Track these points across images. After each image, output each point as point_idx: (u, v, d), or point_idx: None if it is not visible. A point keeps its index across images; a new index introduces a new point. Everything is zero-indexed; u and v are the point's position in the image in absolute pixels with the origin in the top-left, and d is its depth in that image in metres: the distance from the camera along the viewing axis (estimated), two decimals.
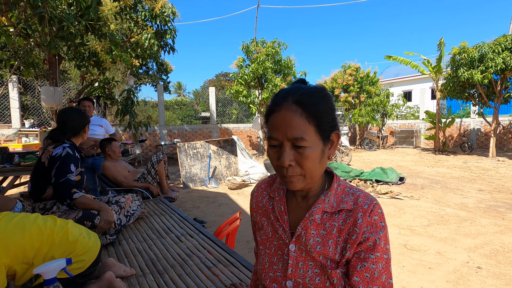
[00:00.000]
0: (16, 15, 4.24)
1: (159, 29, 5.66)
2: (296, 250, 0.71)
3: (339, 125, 0.71)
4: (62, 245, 1.03)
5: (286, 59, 9.33)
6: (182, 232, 1.82)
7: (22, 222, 1.00)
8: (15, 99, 8.24)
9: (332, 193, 0.71)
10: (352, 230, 0.67)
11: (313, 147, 0.64)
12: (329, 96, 0.69)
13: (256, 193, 0.84)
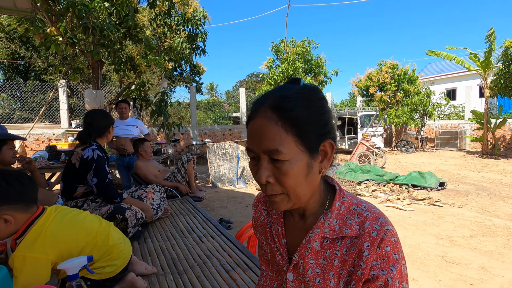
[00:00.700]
0: (63, 25, 4.63)
1: (190, 32, 5.83)
2: (295, 280, 0.62)
3: (334, 132, 0.59)
4: (102, 247, 1.08)
5: (316, 58, 9.14)
6: (204, 233, 1.85)
7: (72, 220, 1.06)
8: (64, 102, 9.03)
9: (333, 214, 0.60)
10: (357, 263, 0.55)
11: (293, 161, 0.53)
12: (317, 97, 0.57)
13: (255, 208, 0.76)
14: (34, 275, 0.95)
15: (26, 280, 0.94)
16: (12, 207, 0.96)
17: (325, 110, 0.57)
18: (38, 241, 0.97)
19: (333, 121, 0.60)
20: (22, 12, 4.40)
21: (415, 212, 4.13)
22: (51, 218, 1.04)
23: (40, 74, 11.05)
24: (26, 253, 0.94)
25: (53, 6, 4.39)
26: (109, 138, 2.00)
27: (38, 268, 0.96)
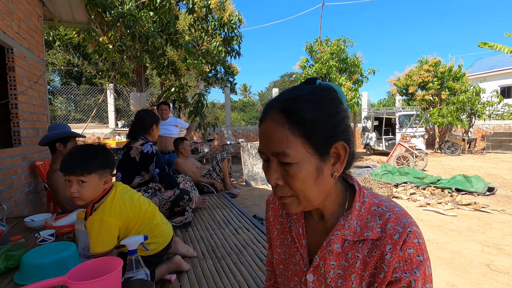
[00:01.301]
0: (113, 34, 5.09)
1: (226, 36, 6.05)
2: (315, 281, 0.61)
3: (348, 134, 0.57)
4: (148, 224, 1.25)
5: (352, 57, 8.91)
6: (240, 225, 1.96)
7: (132, 196, 1.25)
8: (111, 104, 9.83)
9: (353, 215, 0.58)
10: (379, 265, 0.54)
11: (301, 164, 0.53)
12: (327, 98, 0.56)
13: (272, 205, 0.74)
14: (108, 236, 1.13)
15: (102, 240, 1.12)
16: (111, 171, 1.16)
17: (337, 111, 0.56)
18: (112, 209, 1.14)
19: (348, 122, 0.59)
20: (80, 24, 4.93)
21: (458, 217, 3.89)
22: (118, 191, 1.21)
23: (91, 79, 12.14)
24: (104, 217, 1.12)
25: (105, 17, 4.86)
26: (155, 135, 2.22)
27: (111, 232, 1.14)
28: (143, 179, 2.06)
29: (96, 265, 0.97)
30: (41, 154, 3.82)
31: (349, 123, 0.59)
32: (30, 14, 3.61)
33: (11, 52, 3.11)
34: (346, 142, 0.55)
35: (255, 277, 1.31)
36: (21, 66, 3.27)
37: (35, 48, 3.74)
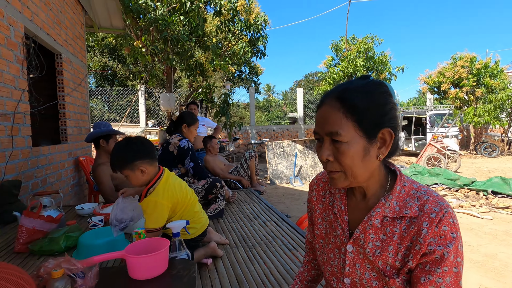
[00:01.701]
0: (146, 38, 5.39)
1: (252, 37, 6.17)
2: (354, 251, 0.69)
3: (394, 122, 0.64)
4: (189, 211, 1.39)
5: (380, 55, 8.68)
6: (268, 219, 2.06)
7: (181, 184, 1.41)
8: (142, 104, 10.34)
9: (394, 196, 0.66)
10: (416, 239, 0.61)
11: (351, 143, 0.62)
12: (379, 91, 0.64)
13: (316, 186, 0.83)
14: (160, 216, 1.28)
15: (156, 219, 1.27)
16: (145, 161, 1.29)
17: (386, 102, 0.64)
18: (164, 192, 1.29)
19: (396, 113, 0.66)
20: (117, 29, 5.28)
21: (494, 220, 3.71)
22: (170, 177, 1.36)
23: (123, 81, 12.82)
24: (158, 199, 1.27)
25: (139, 22, 5.16)
26: (188, 134, 2.39)
27: (163, 212, 1.29)
28: (180, 172, 2.22)
29: (146, 245, 1.11)
30: (84, 150, 4.16)
31: (396, 114, 0.67)
32: (75, 23, 3.95)
33: (59, 57, 3.44)
34: (393, 130, 0.64)
35: (284, 264, 1.39)
36: (67, 70, 3.60)
37: (78, 53, 4.09)
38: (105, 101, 12.43)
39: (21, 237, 1.55)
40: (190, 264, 1.09)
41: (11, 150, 2.26)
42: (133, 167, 1.28)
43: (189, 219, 1.35)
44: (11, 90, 2.31)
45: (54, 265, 0.87)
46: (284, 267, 1.37)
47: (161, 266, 1.04)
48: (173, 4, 4.69)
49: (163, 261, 1.05)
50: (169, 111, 6.87)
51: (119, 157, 1.29)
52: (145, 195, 1.29)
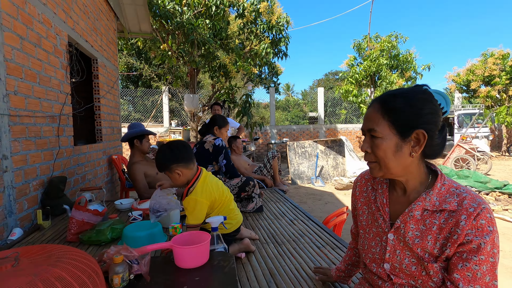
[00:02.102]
0: (172, 41, 5.59)
1: (274, 38, 6.22)
2: (394, 239, 0.77)
3: (430, 126, 0.71)
4: (226, 208, 1.49)
5: (404, 53, 8.45)
6: (294, 217, 2.12)
7: (218, 183, 1.52)
8: (166, 104, 10.68)
9: (434, 192, 0.73)
10: (454, 230, 0.67)
11: (385, 139, 0.73)
12: (418, 96, 0.73)
13: (359, 183, 0.94)
14: (199, 213, 1.39)
15: (196, 216, 1.39)
16: (180, 165, 1.42)
17: (423, 107, 0.72)
18: (203, 191, 1.40)
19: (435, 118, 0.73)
20: (145, 34, 5.52)
21: None
22: (208, 178, 1.47)
23: (147, 82, 13.27)
24: (198, 198, 1.38)
25: (166, 26, 5.38)
26: (224, 136, 2.53)
27: (202, 209, 1.40)
28: (213, 169, 2.36)
29: (189, 237, 1.21)
30: (116, 149, 4.41)
31: (435, 119, 0.73)
32: (108, 29, 4.19)
33: (96, 62, 3.67)
34: (427, 132, 0.71)
35: (314, 260, 1.46)
36: (102, 74, 3.83)
37: (111, 57, 4.33)
38: (130, 101, 12.94)
39: (72, 228, 1.71)
40: (229, 256, 1.18)
41: (58, 149, 2.46)
42: (170, 170, 1.42)
43: (225, 215, 1.45)
44: (57, 94, 2.52)
45: (115, 252, 0.99)
46: (314, 263, 1.43)
47: (204, 256, 1.13)
48: (199, 8, 4.85)
49: (205, 252, 1.14)
50: (192, 111, 7.08)
51: (159, 162, 1.45)
52: (186, 194, 1.41)
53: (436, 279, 0.70)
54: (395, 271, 0.76)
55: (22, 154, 1.98)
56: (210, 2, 4.71)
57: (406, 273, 0.74)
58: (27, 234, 1.83)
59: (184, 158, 1.44)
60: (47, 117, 2.33)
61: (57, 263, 0.81)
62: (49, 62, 2.38)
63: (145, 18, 4.85)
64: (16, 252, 0.83)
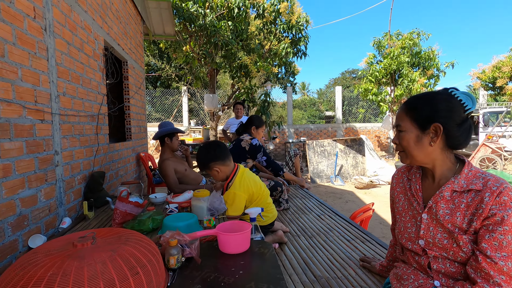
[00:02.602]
0: (195, 43, 5.76)
1: (294, 38, 6.27)
2: (428, 218, 0.89)
3: (447, 120, 0.85)
4: (263, 201, 1.59)
5: (427, 50, 8.26)
6: (321, 213, 2.19)
7: (255, 178, 1.63)
8: (185, 103, 10.94)
9: (462, 176, 0.85)
10: (479, 206, 0.79)
11: (407, 132, 0.90)
12: (439, 96, 0.88)
13: (396, 176, 1.07)
14: (238, 205, 1.51)
15: (235, 208, 1.51)
16: (218, 162, 1.55)
17: (440, 105, 0.86)
18: (241, 185, 1.52)
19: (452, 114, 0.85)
20: (169, 36, 5.71)
21: None
22: (245, 173, 1.59)
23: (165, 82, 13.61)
24: (236, 191, 1.51)
25: (189, 29, 5.54)
26: (260, 136, 2.67)
27: (241, 202, 1.52)
28: (246, 166, 2.48)
29: (231, 226, 1.31)
30: (143, 147, 4.62)
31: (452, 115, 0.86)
32: (136, 32, 4.39)
33: (126, 64, 3.87)
34: (443, 125, 0.85)
35: (345, 252, 1.52)
36: (131, 75, 4.03)
37: (138, 59, 4.53)
38: (149, 101, 13.33)
39: (116, 218, 1.86)
40: (268, 245, 1.27)
41: (97, 146, 2.65)
42: (210, 168, 1.57)
43: (263, 207, 1.55)
44: (96, 95, 2.71)
45: (170, 236, 1.10)
46: (345, 254, 1.50)
47: (246, 243, 1.23)
48: (222, 10, 4.97)
49: (247, 239, 1.24)
50: (212, 111, 7.24)
51: (199, 161, 1.60)
52: (226, 188, 1.52)
53: (465, 249, 0.80)
54: (429, 245, 0.87)
55: (69, 150, 2.15)
56: (233, 4, 4.82)
57: (439, 246, 0.85)
58: (74, 224, 2.00)
59: (221, 156, 1.56)
60: (88, 116, 2.51)
61: (127, 242, 0.93)
62: (89, 65, 2.56)
63: (169, 21, 5.03)
64: (93, 232, 0.95)
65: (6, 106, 1.49)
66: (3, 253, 1.45)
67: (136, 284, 0.82)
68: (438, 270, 0.86)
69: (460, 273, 0.83)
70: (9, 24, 1.52)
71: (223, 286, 1.00)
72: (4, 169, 1.47)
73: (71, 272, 0.77)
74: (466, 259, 0.81)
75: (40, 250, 0.89)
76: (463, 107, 0.86)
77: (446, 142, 0.87)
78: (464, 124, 0.86)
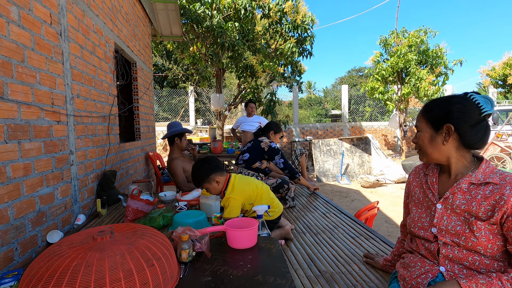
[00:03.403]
0: (202, 44, 5.83)
1: (299, 37, 6.29)
2: (442, 208, 0.95)
3: (458, 121, 0.91)
4: (266, 197, 1.65)
5: (434, 48, 8.18)
6: (326, 211, 2.23)
7: (247, 180, 1.69)
8: (192, 103, 11.05)
9: (479, 171, 0.91)
10: (500, 198, 0.83)
11: (422, 132, 0.99)
12: (452, 100, 0.94)
13: (414, 172, 1.13)
14: (234, 208, 1.60)
15: (231, 211, 1.60)
16: (218, 173, 1.62)
17: (452, 107, 0.93)
18: (234, 189, 1.61)
19: (461, 115, 0.91)
20: (176, 37, 5.80)
21: None
22: (236, 179, 1.66)
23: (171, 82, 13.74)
24: (231, 195, 1.59)
25: (196, 30, 5.62)
26: (277, 141, 2.79)
27: (236, 205, 1.60)
28: (260, 166, 2.56)
29: (239, 222, 1.37)
30: (151, 146, 4.71)
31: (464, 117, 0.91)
32: (144, 34, 4.48)
33: (135, 66, 3.96)
34: (454, 126, 0.92)
35: (350, 249, 1.57)
36: (140, 76, 4.12)
37: (147, 61, 4.63)
38: (156, 101, 13.48)
39: (128, 215, 1.94)
40: (274, 240, 1.33)
41: (108, 146, 2.74)
42: (210, 180, 1.64)
43: (269, 204, 1.60)
44: (107, 96, 2.79)
45: (182, 231, 1.17)
46: (350, 251, 1.54)
47: (253, 239, 1.28)
48: (228, 11, 5.03)
49: (254, 235, 1.29)
50: (218, 110, 7.31)
51: (200, 175, 1.65)
52: (223, 196, 1.63)
53: (478, 234, 0.85)
54: (441, 233, 0.93)
55: (83, 150, 2.24)
56: (239, 5, 4.87)
57: (451, 233, 0.90)
58: (88, 220, 2.09)
59: (218, 167, 1.66)
60: (100, 117, 2.60)
61: (143, 236, 1.00)
62: (101, 68, 2.65)
63: (176, 22, 5.11)
64: (111, 227, 1.02)
65: (26, 108, 1.57)
66: (24, 247, 1.54)
67: (152, 275, 0.89)
68: (446, 255, 0.91)
69: (467, 259, 0.87)
70: (28, 30, 1.60)
71: (232, 278, 1.06)
72: (25, 168, 1.55)
73: (93, 262, 0.84)
74: (476, 245, 0.85)
75: (64, 242, 0.96)
76: (479, 109, 0.90)
77: (460, 142, 0.93)
78: (478, 125, 0.91)
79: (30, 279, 0.84)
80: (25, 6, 1.59)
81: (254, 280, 1.04)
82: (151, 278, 0.88)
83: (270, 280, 1.04)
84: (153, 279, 0.88)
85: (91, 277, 0.80)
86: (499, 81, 10.34)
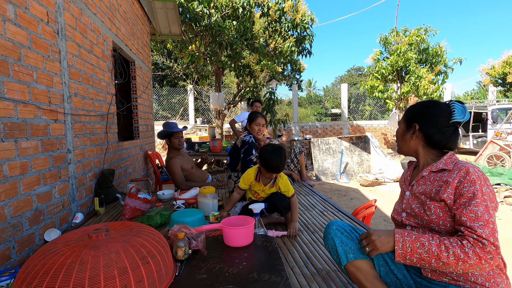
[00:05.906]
0: (200, 42, 5.82)
1: (299, 36, 6.27)
2: (409, 195, 1.10)
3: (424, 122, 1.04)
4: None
5: (434, 46, 8.17)
6: (324, 209, 2.23)
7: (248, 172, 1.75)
8: (192, 102, 11.04)
9: (441, 161, 1.04)
10: (446, 179, 0.97)
11: (399, 127, 1.17)
12: (425, 106, 1.08)
13: (404, 170, 1.27)
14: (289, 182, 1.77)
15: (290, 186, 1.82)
16: None
17: (422, 110, 1.07)
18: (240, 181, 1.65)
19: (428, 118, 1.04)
20: (175, 36, 5.79)
21: None
22: None
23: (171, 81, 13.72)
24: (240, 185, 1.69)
25: (194, 28, 5.61)
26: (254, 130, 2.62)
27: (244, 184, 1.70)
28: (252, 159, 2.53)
29: (235, 221, 1.37)
30: (150, 145, 4.71)
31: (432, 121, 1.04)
32: (143, 33, 4.47)
33: (133, 64, 3.95)
34: (420, 126, 1.06)
35: None
36: (139, 75, 4.12)
37: (145, 59, 4.62)
38: (155, 100, 13.46)
39: (126, 213, 1.94)
40: (271, 238, 1.33)
41: (106, 144, 2.74)
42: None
43: None
44: (105, 95, 2.79)
45: (178, 229, 1.17)
46: None
47: (250, 237, 1.29)
48: (226, 10, 5.02)
49: (251, 233, 1.30)
50: (217, 109, 7.31)
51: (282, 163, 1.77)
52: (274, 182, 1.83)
53: (429, 212, 0.99)
54: (407, 217, 1.08)
55: (81, 149, 2.24)
56: (237, 4, 4.86)
57: (413, 215, 1.05)
58: (86, 219, 2.09)
59: None
60: (98, 115, 2.59)
61: (138, 234, 1.00)
62: (99, 66, 2.65)
63: (175, 21, 5.10)
64: (106, 225, 1.02)
65: (23, 107, 1.57)
66: (21, 246, 1.55)
67: (146, 272, 0.89)
68: None
69: None
70: (24, 29, 1.60)
71: (227, 276, 1.06)
72: (22, 167, 1.55)
73: (88, 260, 0.84)
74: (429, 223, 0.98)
75: (59, 240, 0.97)
76: (450, 116, 1.02)
77: (425, 141, 1.07)
78: (445, 129, 1.03)
79: (25, 276, 0.84)
80: (21, 5, 1.58)
81: (249, 278, 1.04)
82: (146, 275, 0.88)
83: (265, 277, 1.05)
84: (148, 277, 0.88)
85: (86, 275, 0.80)
86: (498, 80, 10.33)
